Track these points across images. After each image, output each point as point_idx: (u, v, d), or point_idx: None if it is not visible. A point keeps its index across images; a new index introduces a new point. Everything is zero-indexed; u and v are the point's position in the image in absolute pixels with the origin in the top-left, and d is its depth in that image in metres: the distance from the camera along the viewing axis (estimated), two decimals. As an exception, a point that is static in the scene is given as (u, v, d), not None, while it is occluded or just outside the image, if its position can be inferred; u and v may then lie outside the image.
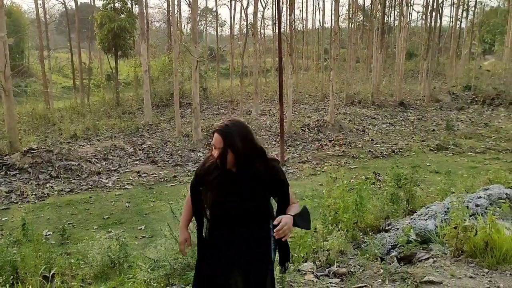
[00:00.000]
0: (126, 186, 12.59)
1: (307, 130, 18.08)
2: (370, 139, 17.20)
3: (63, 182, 12.63)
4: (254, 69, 23.07)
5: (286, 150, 15.27)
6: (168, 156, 15.46)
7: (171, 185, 12.71)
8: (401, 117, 21.43)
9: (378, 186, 9.65)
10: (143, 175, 13.59)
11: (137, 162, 14.84)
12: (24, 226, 7.55)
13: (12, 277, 5.62)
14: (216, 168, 2.74)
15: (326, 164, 13.90)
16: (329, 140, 16.81)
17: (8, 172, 12.66)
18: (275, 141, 16.97)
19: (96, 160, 14.62)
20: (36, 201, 11.09)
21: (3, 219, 9.80)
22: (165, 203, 10.94)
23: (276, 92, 26.56)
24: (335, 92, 18.56)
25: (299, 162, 14.41)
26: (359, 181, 5.75)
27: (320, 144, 16.33)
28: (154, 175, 13.60)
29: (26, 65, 29.85)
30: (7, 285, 5.31)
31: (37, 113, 20.85)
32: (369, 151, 15.44)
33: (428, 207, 5.61)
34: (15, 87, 15.64)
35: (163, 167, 14.41)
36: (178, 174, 13.70)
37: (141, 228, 9.45)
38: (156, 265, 5.47)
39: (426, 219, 5.19)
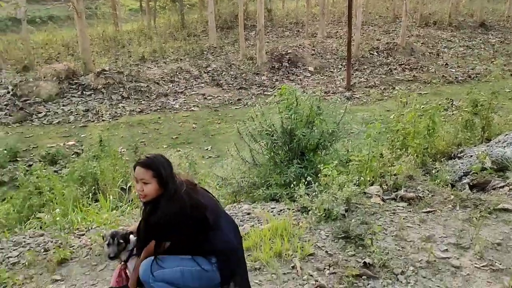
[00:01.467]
0: (193, 108, 12.90)
1: (375, 53, 17.27)
2: (444, 63, 16.18)
3: (134, 103, 13.14)
4: (321, -12, 21.89)
5: (353, 74, 14.78)
6: (232, 79, 15.50)
7: (236, 108, 12.84)
8: (480, 40, 19.82)
9: (451, 112, 9.17)
10: (208, 97, 13.81)
11: (202, 84, 15.04)
12: (101, 143, 8.01)
13: (93, 187, 6.08)
14: None
15: (395, 89, 13.36)
16: (399, 64, 16.01)
17: (84, 92, 13.34)
18: (341, 65, 16.43)
19: (163, 82, 14.97)
20: (110, 120, 11.68)
21: (82, 135, 10.47)
22: (230, 125, 11.15)
23: (344, 13, 25.24)
24: (408, 13, 17.34)
25: (365, 87, 13.96)
26: (432, 105, 5.46)
27: (389, 68, 15.62)
28: (219, 97, 13.78)
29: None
30: (90, 194, 5.77)
31: (107, 35, 21.38)
32: (443, 76, 14.59)
33: (506, 135, 5.28)
34: (85, 8, 15.98)
35: (228, 90, 14.52)
36: (242, 97, 13.78)
37: (207, 148, 9.75)
38: (224, 183, 5.68)
39: (504, 147, 4.90)
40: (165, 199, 2.49)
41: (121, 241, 2.60)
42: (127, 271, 2.72)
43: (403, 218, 3.88)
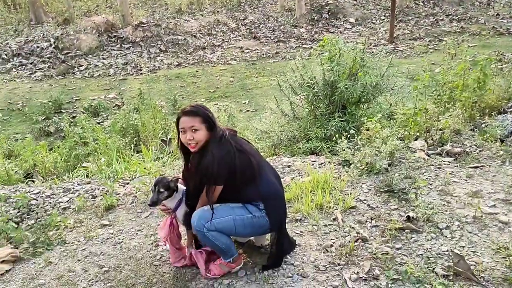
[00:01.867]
0: (230, 61, 12.79)
1: (421, 3, 16.43)
2: (496, 13, 15.23)
3: (172, 56, 13.15)
4: None
5: (396, 26, 14.17)
6: (270, 31, 15.19)
7: (273, 61, 12.65)
8: (536, -12, 18.48)
9: (500, 66, 8.71)
10: (245, 50, 13.64)
11: (240, 37, 14.83)
12: (141, 96, 8.11)
13: (135, 138, 6.20)
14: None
15: (441, 41, 12.76)
16: (446, 15, 15.20)
17: (122, 45, 13.43)
18: (384, 16, 15.76)
19: (200, 35, 14.85)
20: (148, 73, 11.78)
21: (122, 88, 10.63)
22: (268, 79, 11.03)
23: (388, -39, 24.02)
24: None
25: (409, 39, 13.40)
26: (484, 56, 5.17)
27: (435, 20, 14.86)
28: (256, 51, 13.58)
29: None
30: (132, 145, 5.90)
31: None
32: (493, 27, 13.78)
33: (562, 89, 4.97)
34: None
35: (265, 43, 14.27)
36: (280, 50, 13.53)
37: (245, 102, 9.72)
38: (263, 136, 5.67)
39: (560, 101, 4.62)
40: (214, 143, 2.51)
41: (162, 190, 2.63)
42: (176, 220, 2.78)
43: (449, 173, 3.78)
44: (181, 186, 2.77)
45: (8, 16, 16.51)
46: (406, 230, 3.05)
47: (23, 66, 12.32)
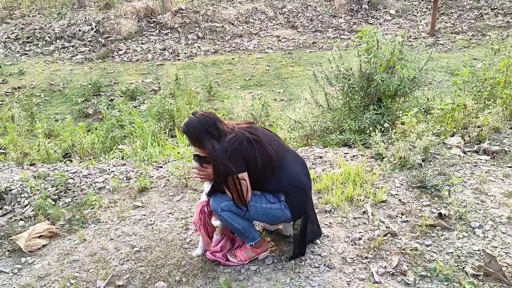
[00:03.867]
0: (266, 50, 12.75)
1: (465, -4, 15.87)
2: (545, 8, 14.56)
3: (209, 43, 13.22)
4: None
5: (438, 18, 13.76)
6: (308, 21, 15.03)
7: (310, 51, 12.53)
8: None
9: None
10: (282, 39, 13.55)
11: (277, 26, 14.74)
12: (177, 81, 8.21)
13: (170, 123, 6.31)
14: None
15: (484, 36, 12.33)
16: (491, 9, 14.63)
17: (161, 31, 13.60)
18: (426, 8, 15.33)
19: (238, 22, 14.85)
20: (185, 59, 11.89)
21: (159, 73, 10.79)
22: (304, 69, 10.95)
23: (433, -49, 23.28)
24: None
25: (451, 33, 12.98)
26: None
27: (480, 13, 14.34)
28: (293, 40, 13.48)
29: None
30: (167, 130, 6.01)
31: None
32: (541, 23, 13.19)
33: None
34: None
35: (303, 33, 14.14)
36: (317, 41, 13.39)
37: (279, 92, 9.69)
38: (296, 126, 5.66)
39: None
40: (215, 151, 2.52)
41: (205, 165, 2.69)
42: (208, 208, 2.80)
43: (485, 172, 3.68)
44: None
45: (53, 0, 16.98)
46: (437, 227, 3.00)
47: (65, 49, 12.67)
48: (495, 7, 14.72)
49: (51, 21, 14.38)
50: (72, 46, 12.79)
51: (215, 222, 2.81)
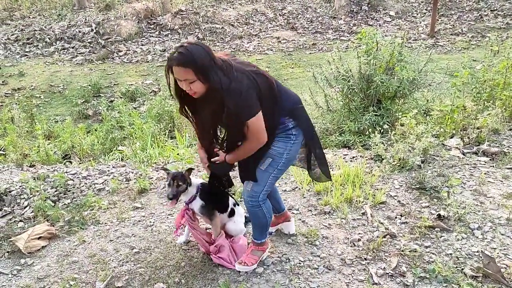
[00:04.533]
0: (266, 51, 12.76)
1: (465, -3, 15.89)
2: (544, 10, 14.57)
3: (209, 44, 13.23)
4: None
5: (438, 20, 13.77)
6: (308, 22, 15.04)
7: (310, 53, 12.54)
8: None
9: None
10: (282, 41, 13.56)
11: (277, 27, 14.75)
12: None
13: (170, 125, 6.31)
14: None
15: (484, 37, 12.34)
16: (491, 10, 14.63)
17: (161, 32, 13.61)
18: (425, 9, 15.34)
19: (238, 24, 14.85)
20: (185, 60, 11.88)
21: (159, 74, 10.78)
22: (304, 70, 10.95)
23: (433, -47, 23.28)
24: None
25: (451, 34, 12.99)
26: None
27: (480, 15, 14.35)
28: (293, 41, 13.49)
29: None
30: (166, 131, 6.01)
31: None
32: (541, 24, 13.20)
33: None
34: None
35: (303, 34, 14.15)
36: (317, 42, 13.39)
37: (279, 93, 9.68)
38: (295, 127, 5.66)
39: None
40: (224, 88, 2.23)
41: (180, 183, 2.69)
42: (189, 212, 2.82)
43: (484, 173, 3.69)
44: (195, 180, 2.80)
45: (53, 1, 16.98)
46: (436, 229, 3.01)
47: (65, 50, 12.67)
48: (495, 8, 14.73)
49: (51, 22, 14.38)
50: (72, 48, 12.79)
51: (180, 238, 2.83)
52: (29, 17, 15.33)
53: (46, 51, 12.65)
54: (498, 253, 2.73)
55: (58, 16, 15.03)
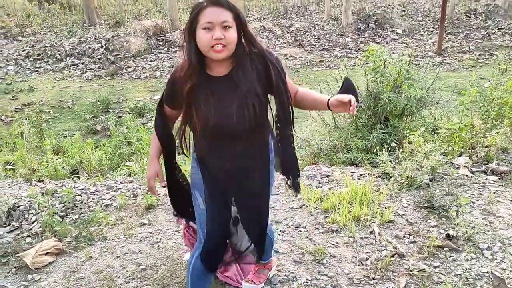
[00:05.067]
0: (274, 68, 12.85)
1: (472, 15, 15.95)
2: (552, 28, 14.59)
3: (216, 61, 13.36)
4: None
5: (445, 38, 13.82)
6: (315, 40, 15.15)
7: (317, 70, 12.61)
8: None
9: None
10: (290, 58, 13.65)
11: (284, 44, 14.87)
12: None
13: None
14: (200, 70, 1.95)
15: (492, 55, 12.35)
16: (499, 29, 14.68)
17: (169, 49, 13.76)
18: (433, 27, 15.41)
19: (246, 41, 14.99)
20: (193, 77, 11.99)
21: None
22: (311, 87, 10.99)
23: (440, -28, 23.47)
24: (515, -29, 15.68)
25: (458, 52, 13.03)
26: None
27: (487, 33, 14.39)
28: (301, 58, 13.58)
29: None
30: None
31: (193, -7, 21.67)
32: (549, 42, 13.21)
33: None
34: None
35: (310, 51, 14.24)
36: (324, 59, 13.47)
37: (287, 109, 9.72)
38: (303, 144, 5.67)
39: None
40: (254, 48, 1.95)
41: None
42: (189, 230, 2.69)
43: (493, 192, 3.66)
44: None
45: (64, 18, 17.28)
46: (445, 249, 2.98)
47: (75, 66, 12.83)
48: (502, 27, 14.78)
49: (61, 38, 14.60)
50: (82, 63, 12.96)
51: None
52: (40, 34, 15.58)
53: (56, 66, 12.81)
54: (508, 274, 2.70)
55: (69, 32, 15.26)
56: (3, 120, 8.96)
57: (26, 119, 8.30)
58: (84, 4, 16.54)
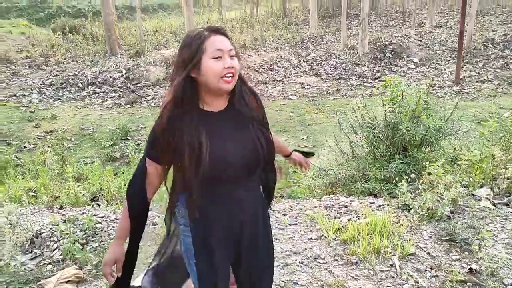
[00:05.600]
0: (290, 97, 12.95)
1: (490, 45, 15.96)
2: None
3: (234, 90, 13.54)
4: (432, -25, 20.64)
5: (463, 67, 13.82)
6: (331, 69, 15.30)
7: (334, 98, 12.68)
8: None
9: None
10: (306, 86, 13.78)
11: (301, 73, 15.04)
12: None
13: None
14: (193, 106, 1.75)
15: (510, 85, 12.29)
16: (517, 58, 14.64)
17: (188, 78, 14.03)
18: (450, 57, 15.45)
19: (262, 70, 15.21)
20: (211, 105, 12.15)
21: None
22: (327, 116, 11.05)
23: (456, 2, 23.65)
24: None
25: (476, 82, 12.99)
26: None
27: (505, 62, 14.35)
28: (317, 87, 13.69)
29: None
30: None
31: (211, 23, 22.18)
32: None
33: None
34: (193, -2, 16.76)
35: (326, 80, 14.37)
36: (341, 88, 13.56)
37: (303, 138, 9.76)
38: (321, 173, 5.67)
39: None
40: (242, 79, 1.86)
41: None
42: None
43: (517, 226, 3.59)
44: None
45: (86, 48, 17.80)
46: (468, 283, 2.92)
47: (96, 94, 13.15)
48: (521, 56, 14.72)
49: (84, 68, 15.02)
50: (103, 92, 13.27)
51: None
52: (64, 63, 16.05)
53: (78, 95, 13.14)
54: (534, 311, 2.63)
55: (91, 62, 15.69)
56: (26, 147, 9.17)
57: (48, 146, 8.48)
58: (106, 35, 17.06)
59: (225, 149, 1.74)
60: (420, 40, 16.90)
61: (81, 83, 13.66)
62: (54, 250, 3.66)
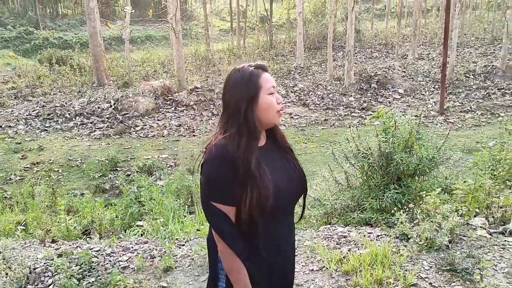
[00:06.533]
0: (279, 126, 13.05)
1: (471, 76, 16.42)
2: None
3: (223, 120, 13.60)
4: (414, 9, 21.32)
5: (446, 98, 14.15)
6: (319, 99, 15.51)
7: (322, 128, 12.82)
8: None
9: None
10: (295, 117, 13.92)
11: (289, 104, 15.20)
12: (193, 157, 8.37)
13: (189, 199, 6.35)
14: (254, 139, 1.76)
15: (493, 114, 12.59)
16: (498, 89, 15.06)
17: (177, 108, 14.06)
18: (433, 88, 15.83)
19: (251, 100, 15.34)
20: (200, 135, 12.17)
21: (175, 149, 11.01)
22: (317, 145, 11.14)
23: (436, 35, 24.40)
24: (510, 34, 16.28)
25: (460, 112, 13.30)
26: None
27: (487, 93, 14.74)
28: (305, 117, 13.84)
29: (190, 10, 32.00)
30: (186, 206, 6.04)
31: (199, 55, 22.45)
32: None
33: None
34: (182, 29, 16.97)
35: (314, 110, 14.54)
36: (329, 118, 13.73)
37: (294, 168, 9.78)
38: (315, 203, 5.67)
39: None
40: None
41: None
42: None
43: (515, 255, 3.63)
44: None
45: (73, 79, 17.78)
46: (472, 313, 2.92)
47: (84, 125, 13.06)
48: (502, 87, 15.16)
49: (71, 99, 14.96)
50: (91, 123, 13.20)
51: None
52: (50, 94, 15.99)
53: (65, 126, 13.04)
54: None
55: (78, 93, 15.67)
56: (12, 179, 9.01)
57: (38, 178, 8.35)
58: (94, 66, 17.11)
59: (283, 180, 1.80)
60: (404, 72, 17.31)
61: (69, 114, 13.59)
62: (49, 286, 3.57)
